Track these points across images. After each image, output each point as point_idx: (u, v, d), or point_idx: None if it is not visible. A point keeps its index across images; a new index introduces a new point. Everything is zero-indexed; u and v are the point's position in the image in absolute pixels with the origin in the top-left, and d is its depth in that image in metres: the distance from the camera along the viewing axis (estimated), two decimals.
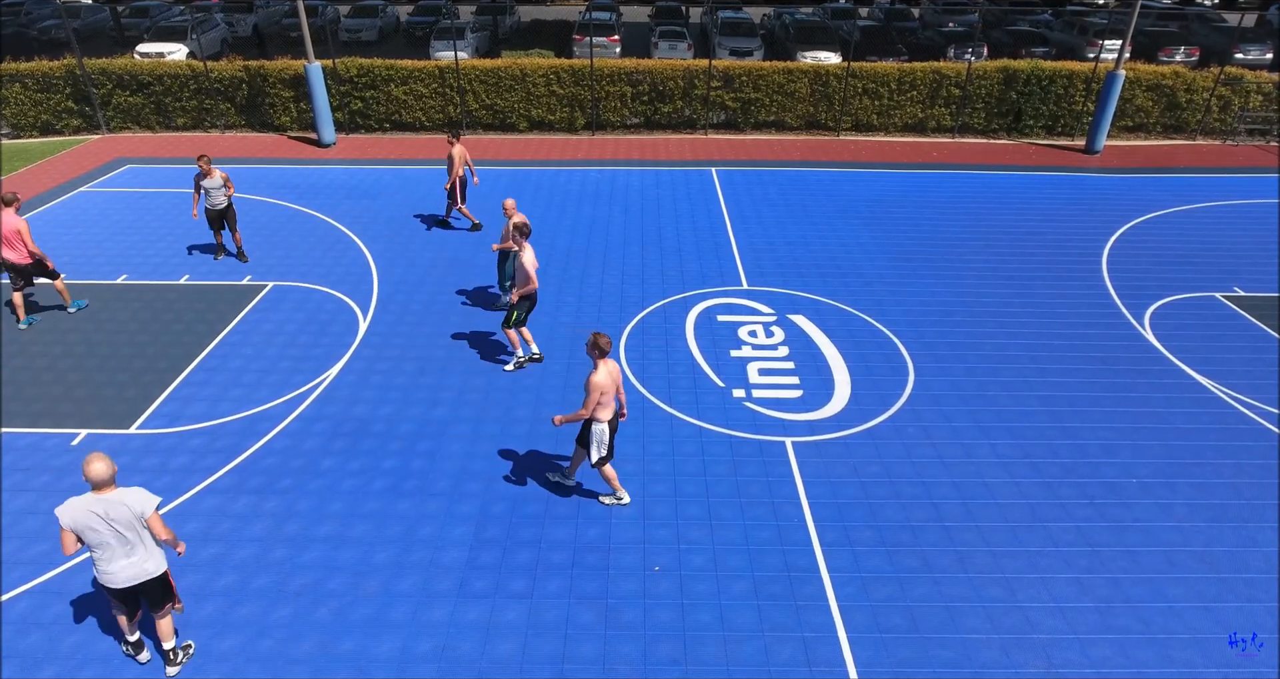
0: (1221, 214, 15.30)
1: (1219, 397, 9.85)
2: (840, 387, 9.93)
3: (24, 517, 7.73)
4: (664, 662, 6.39)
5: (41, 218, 14.53)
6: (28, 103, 18.96)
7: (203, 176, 12.16)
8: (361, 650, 6.45)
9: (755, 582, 7.13)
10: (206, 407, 9.40)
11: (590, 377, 7.17)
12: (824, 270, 12.92)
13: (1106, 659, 6.47)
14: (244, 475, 8.33)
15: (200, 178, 12.19)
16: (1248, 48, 26.13)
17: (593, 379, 7.14)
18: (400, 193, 16.02)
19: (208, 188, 12.28)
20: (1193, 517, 7.97)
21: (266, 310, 11.53)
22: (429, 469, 8.45)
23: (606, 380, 7.19)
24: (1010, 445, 8.94)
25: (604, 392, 7.20)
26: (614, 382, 7.32)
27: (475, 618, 6.74)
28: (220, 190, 12.32)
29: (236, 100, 19.44)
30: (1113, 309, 11.86)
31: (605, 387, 7.19)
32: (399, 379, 9.97)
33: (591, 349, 7.24)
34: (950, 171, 17.65)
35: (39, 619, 6.65)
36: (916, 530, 7.73)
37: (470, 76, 19.14)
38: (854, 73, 19.23)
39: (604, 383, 7.16)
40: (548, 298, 11.96)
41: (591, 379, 7.15)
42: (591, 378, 7.15)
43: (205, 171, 12.12)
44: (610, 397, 7.34)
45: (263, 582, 7.06)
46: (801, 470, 8.50)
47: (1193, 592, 7.12)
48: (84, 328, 10.98)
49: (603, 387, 7.16)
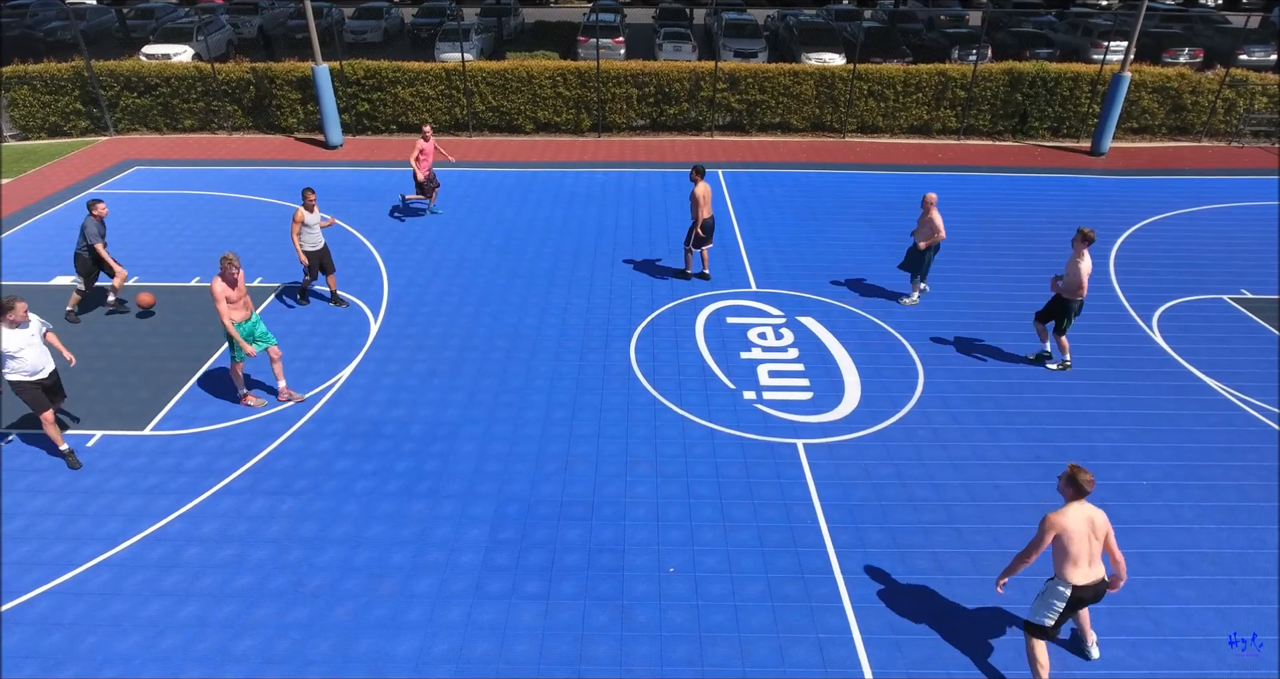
0: (1228, 216, 15.33)
1: (1227, 399, 9.89)
2: (850, 388, 9.97)
3: (41, 518, 7.78)
4: (679, 663, 6.43)
5: (50, 220, 14.59)
6: (35, 104, 19.03)
7: (307, 211, 10.94)
8: (379, 651, 6.49)
9: (769, 583, 7.18)
10: (220, 408, 9.45)
11: (1047, 515, 5.78)
12: (831, 272, 12.96)
13: (1119, 660, 6.50)
14: (259, 477, 8.38)
15: (303, 213, 10.91)
16: (1252, 49, 26.17)
17: (1049, 519, 5.74)
18: (406, 193, 16.04)
19: (309, 224, 11.05)
20: (1202, 518, 8.01)
21: (278, 312, 11.58)
22: (442, 470, 8.49)
23: (1076, 525, 5.69)
24: (1020, 447, 8.98)
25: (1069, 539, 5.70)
26: (1088, 530, 5.75)
27: (491, 619, 6.79)
28: (318, 229, 11.14)
29: (244, 102, 19.50)
30: (1121, 311, 11.89)
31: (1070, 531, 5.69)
32: (410, 380, 10.01)
33: (1065, 486, 5.79)
34: (956, 174, 17.69)
35: (59, 620, 6.70)
36: (929, 532, 7.77)
37: (476, 78, 19.19)
38: (859, 74, 19.28)
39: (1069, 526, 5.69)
40: (557, 302, 12.01)
41: (1047, 519, 5.75)
42: (1047, 518, 5.76)
43: (310, 205, 10.97)
44: (1081, 550, 5.73)
45: (280, 583, 7.10)
46: (813, 472, 8.54)
47: (1204, 593, 7.16)
48: (96, 329, 11.03)
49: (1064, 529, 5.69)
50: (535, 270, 12.97)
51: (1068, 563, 5.77)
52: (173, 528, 7.69)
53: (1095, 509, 5.84)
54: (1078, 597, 5.84)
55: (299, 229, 10.96)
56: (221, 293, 8.65)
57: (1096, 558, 5.84)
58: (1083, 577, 5.78)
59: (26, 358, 7.90)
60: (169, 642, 6.53)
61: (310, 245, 11.14)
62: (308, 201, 10.96)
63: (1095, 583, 5.85)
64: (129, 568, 7.23)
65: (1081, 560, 5.76)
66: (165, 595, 6.96)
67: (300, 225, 10.93)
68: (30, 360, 7.92)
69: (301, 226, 10.94)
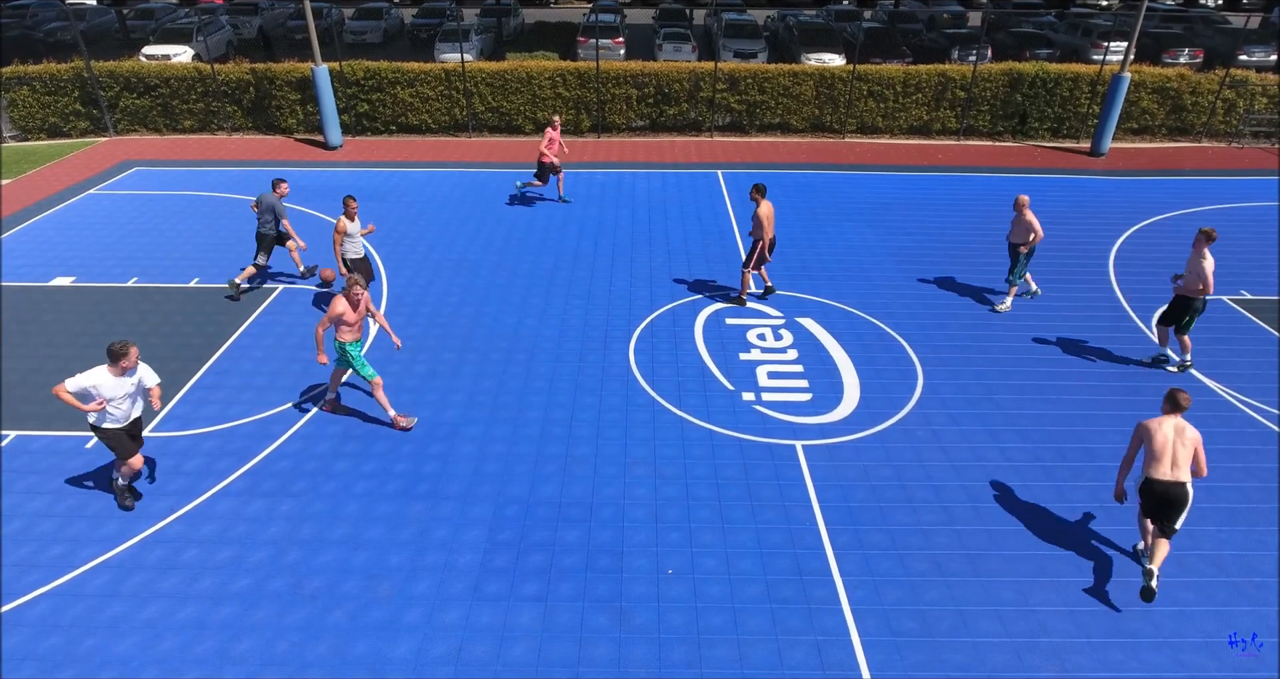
0: (1228, 217, 15.32)
1: (1227, 400, 9.88)
2: (849, 390, 9.97)
3: (40, 519, 7.78)
4: (678, 665, 6.43)
5: (51, 220, 14.60)
6: (35, 105, 19.03)
7: (349, 220, 10.68)
8: (376, 653, 6.49)
9: (767, 585, 7.17)
10: (219, 409, 9.44)
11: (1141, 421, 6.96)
12: (831, 273, 12.95)
13: (1119, 663, 6.50)
14: (257, 478, 8.37)
15: (345, 223, 10.63)
16: (1252, 49, 26.16)
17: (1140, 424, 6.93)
18: (407, 195, 16.08)
19: (351, 233, 10.74)
20: (1202, 520, 7.99)
21: (277, 313, 11.58)
22: (441, 472, 8.49)
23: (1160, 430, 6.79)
24: (1019, 449, 8.97)
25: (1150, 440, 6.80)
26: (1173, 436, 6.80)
27: (490, 621, 6.78)
28: (359, 237, 10.92)
29: (243, 103, 19.50)
30: (1120, 312, 11.89)
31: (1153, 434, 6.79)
32: (410, 381, 10.01)
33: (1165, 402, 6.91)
34: (956, 174, 17.68)
35: (58, 621, 6.70)
36: (928, 534, 7.76)
37: (476, 79, 19.19)
38: (859, 75, 19.28)
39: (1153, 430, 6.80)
40: (556, 303, 12.01)
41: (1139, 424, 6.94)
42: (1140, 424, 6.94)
43: (352, 213, 10.71)
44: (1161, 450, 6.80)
45: (278, 584, 7.10)
46: (812, 474, 8.54)
47: (1203, 595, 7.15)
48: (95, 330, 11.03)
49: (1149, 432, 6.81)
50: (535, 271, 12.97)
51: (1148, 458, 6.87)
52: (171, 529, 7.69)
53: (1186, 424, 6.84)
54: (1150, 489, 6.86)
55: (341, 239, 10.69)
56: (340, 312, 8.35)
57: (1178, 462, 6.77)
58: (1156, 472, 6.79)
59: (123, 406, 7.39)
60: (167, 643, 6.53)
61: (352, 254, 10.87)
62: (349, 210, 10.67)
63: (1169, 481, 6.77)
64: (127, 569, 7.23)
65: (1158, 459, 6.79)
66: (164, 597, 6.95)
67: (342, 235, 10.67)
68: (126, 408, 7.43)
69: (344, 236, 10.68)
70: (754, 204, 11.23)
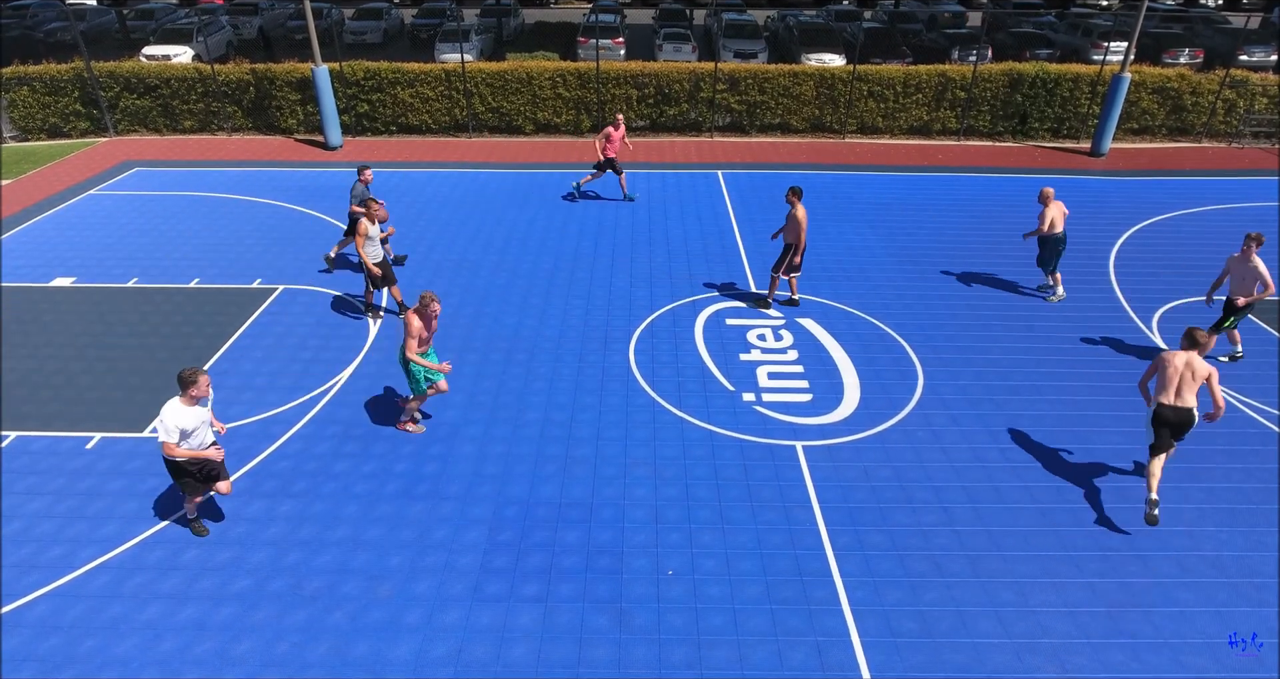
0: (1229, 217, 15.31)
1: (1228, 401, 9.87)
2: (850, 390, 9.97)
3: (40, 520, 7.78)
4: (678, 665, 6.43)
5: (51, 221, 14.60)
6: (35, 105, 19.03)
7: (372, 223, 10.57)
8: (376, 654, 6.48)
9: (768, 585, 7.17)
10: (219, 410, 9.44)
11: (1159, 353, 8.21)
12: (831, 273, 12.95)
13: (1119, 664, 6.49)
14: (258, 479, 8.37)
15: (366, 225, 10.51)
16: (1252, 50, 26.15)
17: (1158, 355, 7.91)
18: (408, 195, 16.08)
19: (372, 236, 10.61)
20: (1202, 521, 7.99)
21: (277, 313, 11.57)
22: (441, 472, 8.49)
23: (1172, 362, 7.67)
24: (1020, 450, 8.97)
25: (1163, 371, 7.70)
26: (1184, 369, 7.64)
27: (490, 622, 6.78)
28: (378, 241, 10.81)
29: (243, 103, 19.51)
30: (1121, 313, 11.89)
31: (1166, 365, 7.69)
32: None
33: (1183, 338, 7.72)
34: (956, 174, 17.68)
35: (58, 622, 6.70)
36: (928, 534, 7.76)
37: (476, 79, 19.19)
38: (859, 75, 19.28)
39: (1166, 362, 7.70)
40: (556, 303, 12.01)
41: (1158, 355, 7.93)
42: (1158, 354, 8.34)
43: (378, 216, 10.63)
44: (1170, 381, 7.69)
45: (278, 585, 7.10)
46: (812, 474, 8.53)
47: (1203, 596, 7.15)
48: (95, 330, 11.03)
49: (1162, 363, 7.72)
50: (535, 272, 12.97)
51: (1159, 387, 7.78)
52: (171, 530, 7.69)
53: (1199, 358, 7.63)
54: (1160, 416, 7.76)
55: (363, 242, 10.56)
56: (418, 330, 8.17)
57: (1185, 392, 7.66)
58: (1165, 399, 7.71)
59: (197, 437, 6.97)
60: (168, 644, 6.53)
61: (373, 258, 10.73)
62: (371, 213, 10.55)
63: (1177, 408, 7.68)
64: (128, 570, 7.23)
65: (1167, 389, 7.71)
66: (164, 598, 6.95)
67: (364, 238, 10.53)
68: (199, 438, 7.01)
69: (365, 239, 10.56)
70: (789, 206, 10.92)
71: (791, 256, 11.23)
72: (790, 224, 11.05)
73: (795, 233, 11.02)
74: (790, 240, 11.17)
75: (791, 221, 11.01)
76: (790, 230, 11.10)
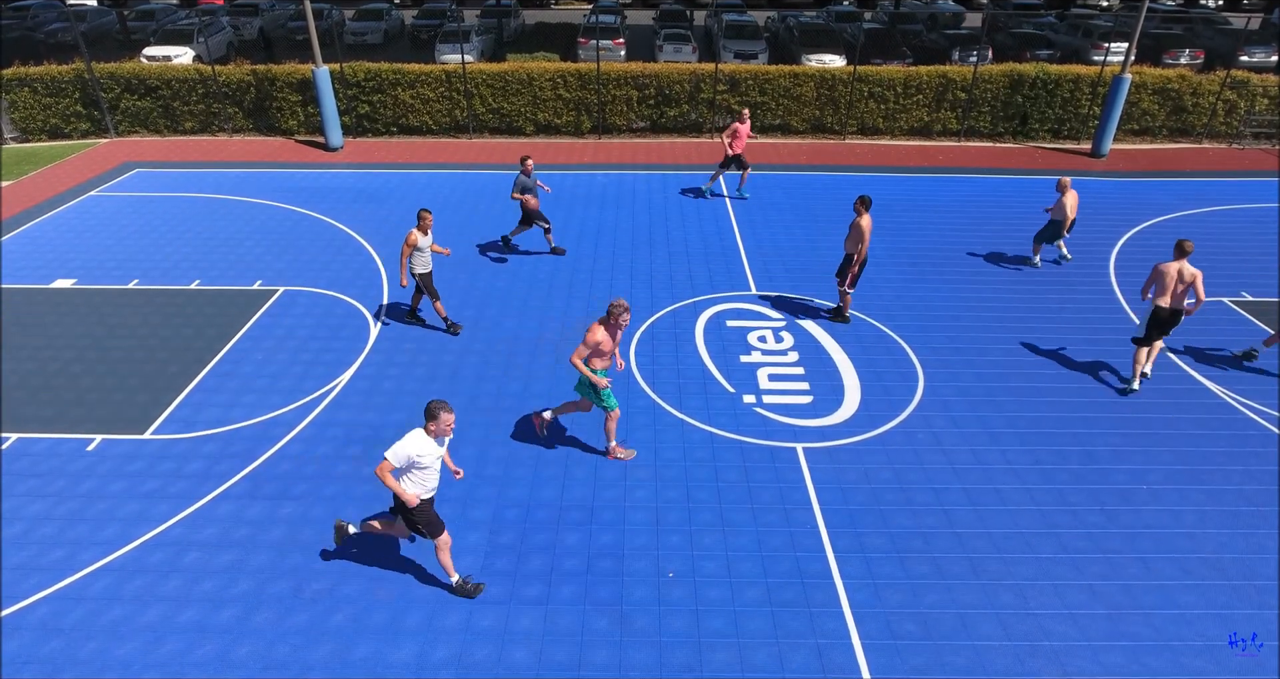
0: (1229, 218, 15.31)
1: (1228, 402, 9.87)
2: (850, 392, 9.97)
3: (40, 522, 7.78)
4: (678, 668, 6.43)
5: (52, 222, 14.61)
6: (36, 107, 19.05)
7: (423, 233, 10.32)
8: (377, 656, 6.49)
9: (768, 588, 7.17)
10: (220, 412, 9.45)
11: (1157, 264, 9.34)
12: (831, 275, 12.94)
13: (1119, 666, 6.49)
14: (258, 482, 8.37)
15: (416, 236, 10.23)
16: (1253, 50, 26.15)
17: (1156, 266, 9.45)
18: (408, 196, 16.08)
19: (421, 248, 10.38)
20: (1203, 523, 7.99)
21: (277, 315, 11.58)
22: (441, 474, 8.47)
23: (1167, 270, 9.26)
24: (1020, 451, 8.97)
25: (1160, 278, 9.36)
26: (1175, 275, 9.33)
27: (490, 624, 6.78)
28: (429, 252, 10.56)
29: (244, 104, 19.51)
30: (1121, 314, 11.88)
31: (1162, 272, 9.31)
32: (410, 385, 10.01)
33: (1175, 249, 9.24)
34: (956, 175, 17.68)
35: (59, 625, 6.70)
36: (928, 537, 7.76)
37: (477, 80, 19.20)
38: (859, 76, 19.28)
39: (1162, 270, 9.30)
40: (557, 304, 12.02)
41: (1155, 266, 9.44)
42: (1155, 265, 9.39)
43: (425, 227, 10.31)
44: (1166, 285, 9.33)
45: (279, 588, 7.10)
46: (813, 476, 8.53)
47: (1204, 598, 7.15)
48: (96, 333, 11.03)
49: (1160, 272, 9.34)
50: (535, 273, 12.97)
51: (1158, 291, 9.45)
52: (172, 532, 7.69)
53: (1189, 265, 9.27)
54: (1157, 315, 9.49)
55: (410, 252, 10.27)
56: (599, 340, 7.79)
57: (1178, 295, 9.37)
58: (1162, 301, 9.44)
59: (432, 473, 6.60)
60: (168, 647, 6.53)
61: (421, 268, 10.50)
62: (424, 223, 10.27)
63: (1173, 309, 9.44)
64: (128, 573, 7.24)
65: (1164, 293, 9.39)
66: (165, 600, 6.96)
67: (412, 248, 10.25)
68: (435, 476, 6.65)
69: (413, 249, 10.29)
70: (854, 215, 10.45)
71: (856, 267, 10.89)
72: (853, 233, 10.67)
73: (856, 242, 10.68)
74: (850, 250, 10.84)
75: (855, 230, 10.63)
76: (852, 239, 10.74)
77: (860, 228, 10.58)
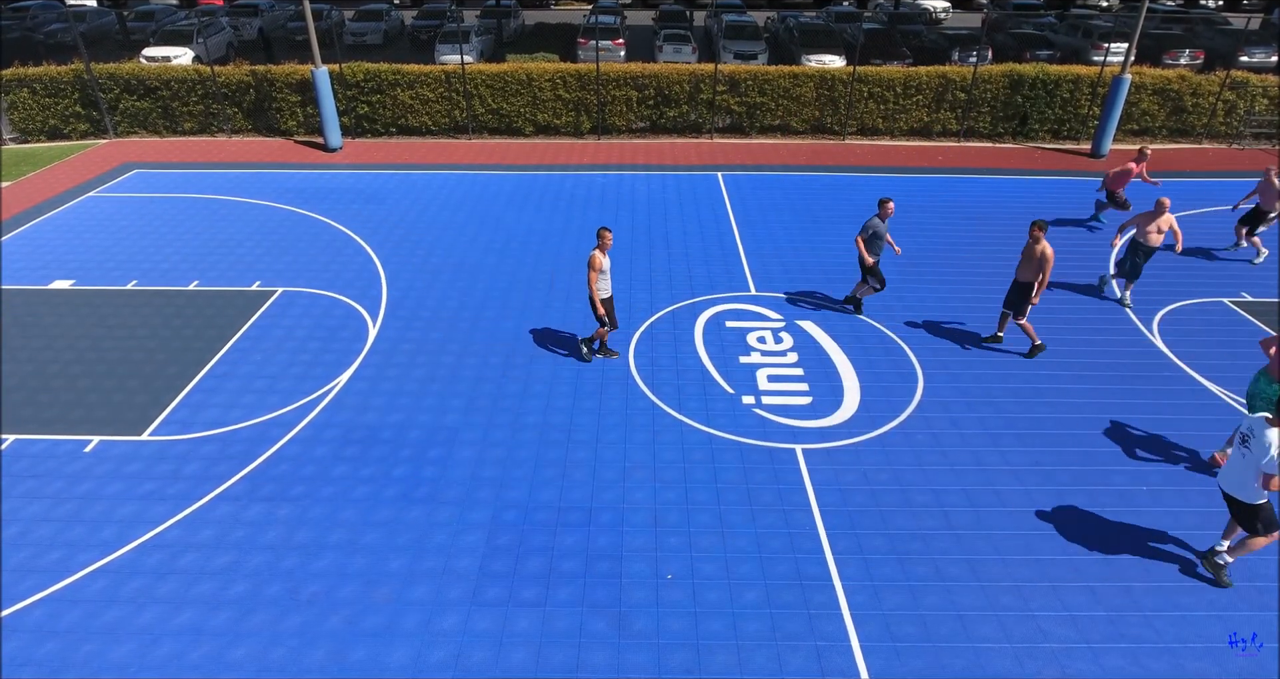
0: (1229, 219, 15.27)
1: (1228, 403, 9.85)
2: (849, 393, 9.94)
3: (37, 524, 7.76)
4: (677, 670, 6.41)
5: (51, 223, 14.59)
6: (35, 107, 19.03)
7: (603, 255, 9.47)
8: (374, 659, 6.47)
9: (767, 590, 7.15)
10: (218, 413, 9.43)
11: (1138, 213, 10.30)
12: (831, 276, 12.92)
13: (1119, 668, 6.47)
14: (256, 483, 8.35)
15: (599, 259, 9.42)
16: (1253, 51, 26.12)
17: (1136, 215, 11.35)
18: (407, 197, 16.07)
19: (605, 271, 9.55)
20: (1204, 524, 7.97)
21: (276, 316, 11.56)
22: (440, 476, 8.47)
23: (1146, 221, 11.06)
24: (1020, 452, 8.94)
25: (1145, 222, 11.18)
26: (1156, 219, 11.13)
27: (488, 626, 6.76)
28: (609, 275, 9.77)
29: (243, 105, 19.50)
30: (1120, 314, 11.86)
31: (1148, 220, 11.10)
32: (409, 386, 9.99)
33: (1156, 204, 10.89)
34: (956, 176, 17.66)
35: (55, 627, 6.68)
36: (928, 538, 7.74)
37: (476, 81, 19.18)
38: (859, 76, 19.25)
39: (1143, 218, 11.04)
40: (556, 306, 11.99)
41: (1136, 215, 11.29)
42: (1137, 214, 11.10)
43: (606, 247, 9.43)
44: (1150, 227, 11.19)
45: (275, 590, 7.08)
46: (812, 477, 8.51)
47: (1204, 600, 7.12)
48: (94, 334, 11.02)
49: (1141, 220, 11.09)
50: (534, 274, 12.95)
51: (1139, 231, 11.31)
52: (169, 534, 7.67)
53: (1168, 214, 11.08)
54: (1135, 245, 11.39)
55: (596, 277, 9.43)
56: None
57: (1160, 236, 11.22)
58: (1144, 240, 11.24)
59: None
60: (164, 649, 6.51)
61: (604, 293, 9.69)
62: (604, 243, 9.36)
63: (1151, 246, 11.27)
64: (125, 574, 7.22)
65: (1147, 234, 11.22)
66: (161, 602, 6.94)
67: (598, 273, 9.43)
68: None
69: (599, 274, 9.47)
70: (1035, 240, 9.84)
71: (1033, 299, 10.17)
72: (1034, 261, 9.89)
73: (1038, 270, 9.91)
74: (1030, 278, 10.04)
75: (1039, 259, 9.83)
76: (1033, 268, 9.95)
77: (1045, 257, 9.77)
